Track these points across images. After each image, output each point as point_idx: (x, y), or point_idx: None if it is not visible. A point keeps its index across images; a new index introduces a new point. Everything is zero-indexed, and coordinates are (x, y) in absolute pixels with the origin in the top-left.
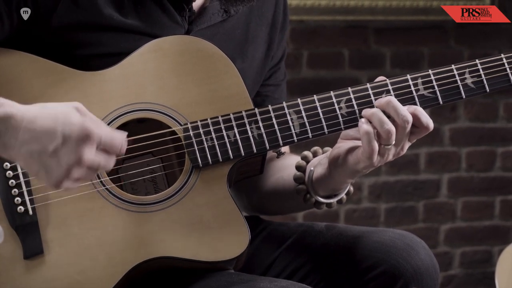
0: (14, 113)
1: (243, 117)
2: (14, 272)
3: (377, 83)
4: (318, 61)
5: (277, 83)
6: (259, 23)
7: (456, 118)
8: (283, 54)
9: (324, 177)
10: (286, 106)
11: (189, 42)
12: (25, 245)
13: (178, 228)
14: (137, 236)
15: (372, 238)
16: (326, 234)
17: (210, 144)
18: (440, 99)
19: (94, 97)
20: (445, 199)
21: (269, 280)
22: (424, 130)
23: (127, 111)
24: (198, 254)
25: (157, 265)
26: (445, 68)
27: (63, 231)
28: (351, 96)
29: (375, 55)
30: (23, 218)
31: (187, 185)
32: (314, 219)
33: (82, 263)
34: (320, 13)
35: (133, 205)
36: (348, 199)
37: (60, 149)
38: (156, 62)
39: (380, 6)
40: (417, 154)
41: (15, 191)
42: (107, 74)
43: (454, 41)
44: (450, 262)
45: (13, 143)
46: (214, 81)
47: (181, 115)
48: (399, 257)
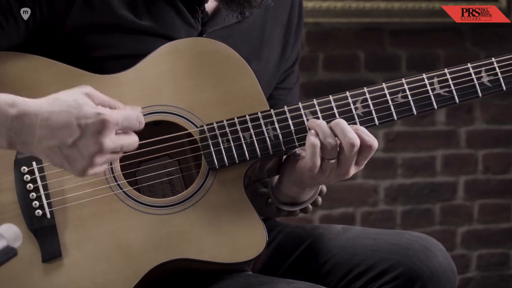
0: (28, 111)
1: (259, 118)
2: (33, 276)
3: (393, 83)
4: (334, 63)
5: (290, 86)
6: (274, 25)
7: (473, 120)
8: (297, 57)
9: (278, 183)
10: (302, 106)
11: (204, 44)
12: (43, 248)
13: (195, 230)
14: (154, 239)
15: (389, 240)
16: (343, 236)
17: (226, 145)
18: (457, 98)
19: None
20: (462, 201)
21: (286, 281)
22: (367, 149)
23: (143, 114)
24: (216, 256)
25: (174, 267)
26: (461, 67)
27: (80, 233)
28: (367, 96)
29: (390, 57)
30: (41, 221)
31: (204, 187)
32: (330, 222)
33: (99, 266)
34: (336, 15)
35: (150, 207)
36: (364, 201)
37: (79, 141)
38: (171, 64)
39: (396, 8)
40: (433, 157)
41: (32, 194)
42: (123, 77)
43: (470, 43)
44: (467, 265)
45: (31, 140)
46: (229, 82)
47: (197, 117)
48: (416, 260)
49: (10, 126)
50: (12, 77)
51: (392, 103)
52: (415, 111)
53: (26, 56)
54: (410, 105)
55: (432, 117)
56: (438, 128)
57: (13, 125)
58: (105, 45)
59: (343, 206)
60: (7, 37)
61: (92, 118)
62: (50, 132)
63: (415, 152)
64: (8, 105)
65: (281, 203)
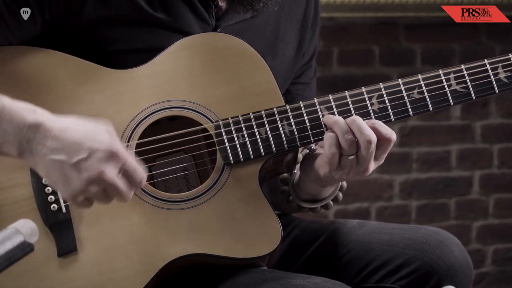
0: (45, 121)
1: (275, 114)
2: (48, 270)
3: (409, 79)
4: (349, 58)
5: (307, 81)
6: (289, 20)
7: (488, 115)
8: (314, 52)
9: (299, 181)
10: (317, 102)
11: (219, 39)
12: (59, 243)
13: (210, 225)
14: (169, 234)
15: (405, 235)
16: (359, 231)
17: (241, 141)
18: (473, 94)
19: (126, 95)
20: (477, 196)
21: (302, 277)
22: (386, 142)
23: (159, 109)
24: (231, 251)
25: (190, 262)
26: (477, 63)
27: (96, 228)
28: (382, 92)
29: (405, 52)
30: (56, 216)
31: (219, 182)
32: (345, 217)
33: (115, 261)
34: (350, 10)
35: (166, 202)
36: (379, 196)
37: (83, 163)
38: (186, 60)
39: (411, 2)
40: (448, 151)
41: (48, 189)
42: (139, 72)
43: (485, 37)
44: (482, 259)
45: (40, 149)
46: (244, 78)
47: (212, 112)
48: (432, 254)
49: (23, 134)
50: (29, 72)
51: (408, 99)
52: (431, 107)
53: (43, 51)
54: (426, 101)
55: (447, 111)
56: (453, 123)
57: (27, 132)
58: (121, 38)
59: (358, 201)
60: (25, 31)
61: (104, 144)
62: (60, 145)
63: (430, 146)
64: (28, 111)
65: (302, 200)
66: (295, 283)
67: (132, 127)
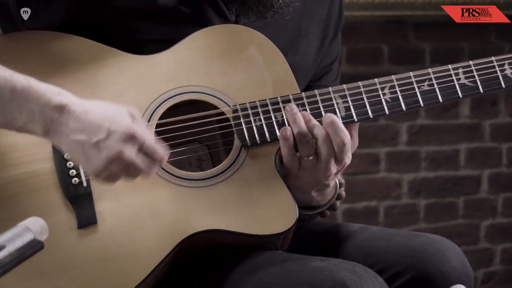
0: (69, 103)
1: (290, 100)
2: (68, 241)
3: (420, 72)
4: (357, 57)
5: (327, 84)
6: (312, 19)
7: (497, 114)
8: (337, 56)
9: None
10: (332, 91)
11: (238, 30)
12: (79, 215)
13: (227, 203)
14: (188, 210)
15: (404, 242)
16: (360, 236)
17: (258, 124)
18: (481, 88)
19: (146, 79)
20: (486, 195)
21: (320, 259)
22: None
23: (178, 93)
24: (247, 228)
25: (207, 241)
26: (485, 59)
27: (116, 203)
28: (394, 83)
29: (414, 51)
30: (77, 189)
31: (237, 162)
32: (353, 216)
33: (134, 234)
34: (359, 8)
35: (185, 180)
36: (387, 195)
37: (102, 143)
38: (206, 48)
39: (420, 1)
40: (457, 150)
41: (70, 163)
42: (160, 57)
43: (494, 36)
44: (491, 258)
45: (63, 129)
46: (262, 67)
47: (230, 97)
48: (429, 264)
49: (48, 114)
50: (54, 56)
51: (418, 90)
52: (441, 98)
53: (69, 36)
54: (436, 92)
55: (456, 110)
56: (462, 121)
57: (52, 113)
58: (144, 29)
59: (366, 200)
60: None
61: (122, 127)
62: (81, 126)
63: (439, 145)
64: (53, 93)
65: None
66: (314, 265)
67: (152, 109)
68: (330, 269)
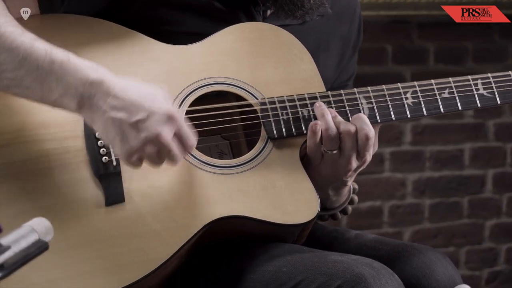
0: (107, 79)
1: (317, 98)
2: (95, 217)
3: (441, 80)
4: (361, 56)
5: None
6: (333, 34)
7: (501, 113)
8: (353, 73)
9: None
10: (357, 91)
11: (268, 28)
12: (107, 193)
13: (252, 191)
14: (213, 195)
15: (391, 253)
16: (353, 243)
17: (285, 117)
18: (498, 100)
19: (178, 68)
20: (490, 194)
21: (339, 254)
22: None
23: (209, 83)
24: (270, 216)
25: (229, 227)
26: (503, 73)
27: (144, 184)
28: (417, 88)
29: (418, 50)
30: (107, 167)
31: (263, 152)
32: (358, 216)
33: (160, 214)
34: (363, 8)
35: (212, 167)
36: (392, 195)
37: (141, 123)
38: (237, 43)
39: (423, 1)
40: (461, 150)
41: (101, 142)
42: (191, 48)
43: (498, 36)
44: (495, 258)
45: (100, 106)
46: (290, 64)
47: (258, 91)
48: (412, 278)
49: (86, 88)
50: (90, 40)
51: (439, 97)
52: (460, 106)
53: (105, 22)
54: (455, 100)
55: None
56: (466, 121)
57: (89, 88)
58: (174, 21)
59: (370, 200)
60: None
61: (163, 109)
62: (121, 103)
63: (443, 145)
64: (91, 69)
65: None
66: (333, 258)
67: (182, 97)
68: (349, 263)
